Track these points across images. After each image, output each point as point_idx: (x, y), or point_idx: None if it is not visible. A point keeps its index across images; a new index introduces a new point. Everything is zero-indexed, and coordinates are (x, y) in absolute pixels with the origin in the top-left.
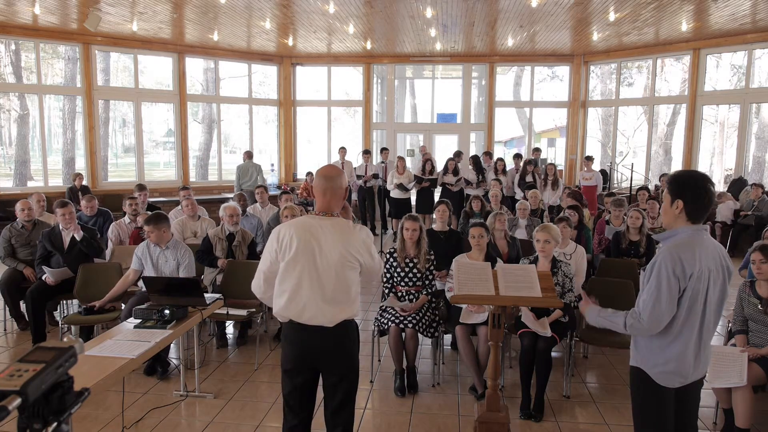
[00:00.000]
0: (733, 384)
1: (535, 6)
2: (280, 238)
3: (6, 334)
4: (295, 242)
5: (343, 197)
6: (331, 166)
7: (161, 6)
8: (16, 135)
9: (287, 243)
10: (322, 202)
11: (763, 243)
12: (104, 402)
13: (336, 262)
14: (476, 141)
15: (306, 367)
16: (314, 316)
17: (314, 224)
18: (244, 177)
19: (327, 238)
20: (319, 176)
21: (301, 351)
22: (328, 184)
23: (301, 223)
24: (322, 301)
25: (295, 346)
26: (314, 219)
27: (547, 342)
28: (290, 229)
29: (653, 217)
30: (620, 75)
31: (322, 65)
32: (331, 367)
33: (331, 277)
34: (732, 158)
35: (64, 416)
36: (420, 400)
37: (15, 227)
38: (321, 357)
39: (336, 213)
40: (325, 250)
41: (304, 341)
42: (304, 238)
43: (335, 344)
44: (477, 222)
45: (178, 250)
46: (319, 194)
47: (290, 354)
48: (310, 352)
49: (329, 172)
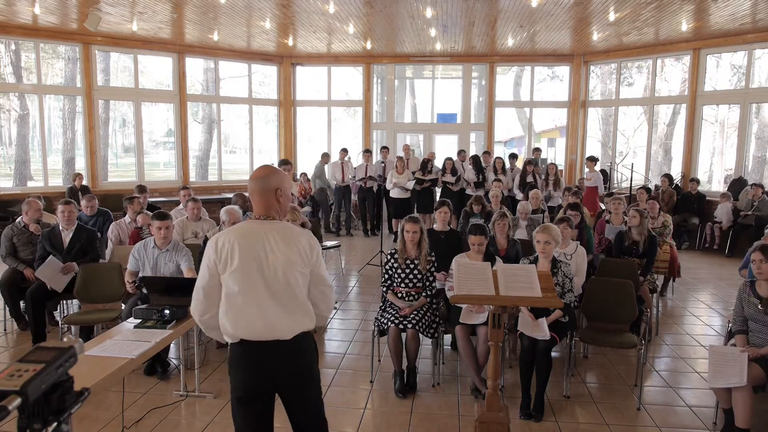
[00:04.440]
0: (733, 384)
1: (535, 6)
2: (218, 248)
3: (6, 334)
4: (237, 250)
5: (278, 198)
6: (264, 166)
7: (161, 6)
8: (16, 135)
9: (228, 253)
10: (258, 204)
11: (763, 243)
12: (104, 402)
13: (284, 269)
14: (476, 141)
15: (265, 391)
16: (268, 330)
17: (255, 229)
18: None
19: (270, 242)
20: (250, 179)
21: (258, 373)
22: (256, 185)
23: (240, 229)
24: (274, 312)
25: (250, 369)
26: (254, 223)
27: (547, 342)
28: (229, 237)
29: (653, 217)
30: (620, 75)
31: (322, 65)
32: (294, 385)
33: (280, 284)
34: (732, 158)
35: (64, 416)
36: (420, 400)
37: (17, 226)
38: (282, 376)
39: (278, 216)
40: (271, 257)
41: (261, 361)
42: (246, 246)
43: (297, 358)
44: (477, 227)
45: (177, 252)
46: (253, 198)
47: (246, 379)
48: (270, 372)
49: (258, 173)
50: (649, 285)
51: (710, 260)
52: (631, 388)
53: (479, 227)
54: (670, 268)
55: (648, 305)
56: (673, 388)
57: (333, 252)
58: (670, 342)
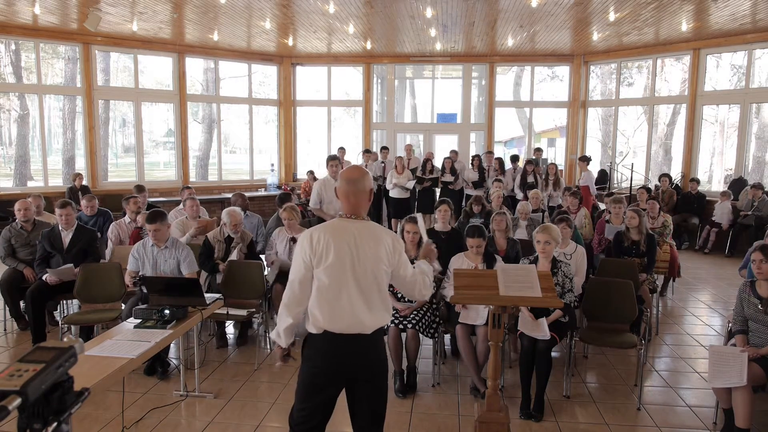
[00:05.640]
0: (733, 384)
1: (535, 6)
2: (313, 243)
3: (6, 334)
4: (333, 246)
5: (368, 199)
6: (355, 167)
7: (161, 6)
8: (16, 135)
9: (323, 248)
10: (348, 204)
11: (763, 243)
12: (104, 402)
13: (373, 267)
14: (476, 141)
15: (342, 379)
16: (355, 324)
17: (347, 227)
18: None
19: (361, 241)
20: (343, 179)
21: (337, 361)
22: (351, 187)
23: (333, 226)
24: (362, 309)
25: (332, 359)
26: (345, 222)
27: (547, 342)
28: (324, 233)
29: (653, 217)
30: (620, 75)
31: (322, 65)
32: (372, 375)
33: (369, 282)
34: (732, 158)
35: (64, 416)
36: (420, 400)
37: (14, 227)
38: (361, 367)
39: (365, 216)
40: (362, 255)
41: (343, 352)
42: (340, 243)
43: (373, 351)
44: (474, 229)
45: (176, 249)
46: (344, 198)
47: (323, 366)
48: (350, 363)
49: (352, 174)
50: (649, 285)
51: (710, 260)
52: (631, 388)
53: (477, 229)
54: (670, 268)
55: (648, 305)
56: (673, 388)
57: None
58: (670, 342)
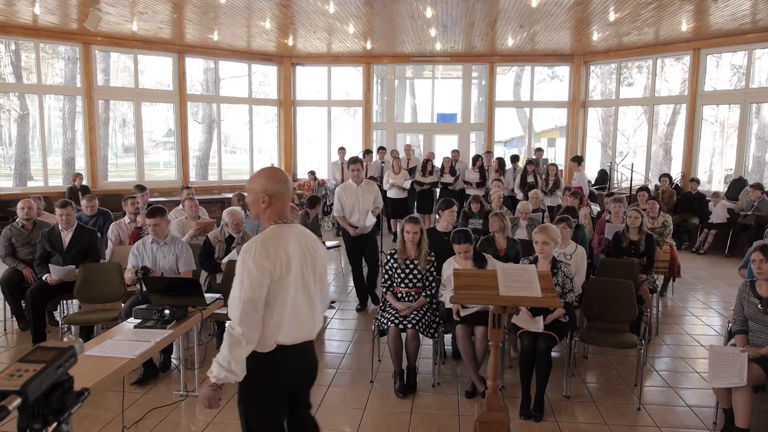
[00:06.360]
0: (733, 384)
1: (535, 6)
2: (271, 255)
3: (6, 334)
4: (291, 256)
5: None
6: (278, 169)
7: (161, 6)
8: (16, 135)
9: (283, 259)
10: (285, 208)
11: (763, 243)
12: (104, 402)
13: (321, 271)
14: (476, 141)
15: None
16: (310, 333)
17: (290, 233)
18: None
19: (309, 246)
20: (278, 181)
21: (297, 373)
22: (285, 188)
23: (278, 234)
24: (316, 315)
25: (288, 371)
26: (286, 228)
27: (547, 342)
28: (276, 243)
29: (653, 217)
30: (620, 75)
31: (322, 65)
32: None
33: (320, 287)
34: (732, 158)
35: (64, 416)
36: (420, 400)
37: (15, 227)
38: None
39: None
40: (313, 260)
41: (297, 362)
42: (295, 251)
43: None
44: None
45: (175, 245)
46: (282, 200)
47: (286, 382)
48: (299, 372)
49: (281, 176)
50: (649, 285)
51: (710, 260)
52: (631, 388)
53: (462, 235)
54: (670, 268)
55: (648, 305)
56: (673, 388)
57: (333, 252)
58: (670, 342)
